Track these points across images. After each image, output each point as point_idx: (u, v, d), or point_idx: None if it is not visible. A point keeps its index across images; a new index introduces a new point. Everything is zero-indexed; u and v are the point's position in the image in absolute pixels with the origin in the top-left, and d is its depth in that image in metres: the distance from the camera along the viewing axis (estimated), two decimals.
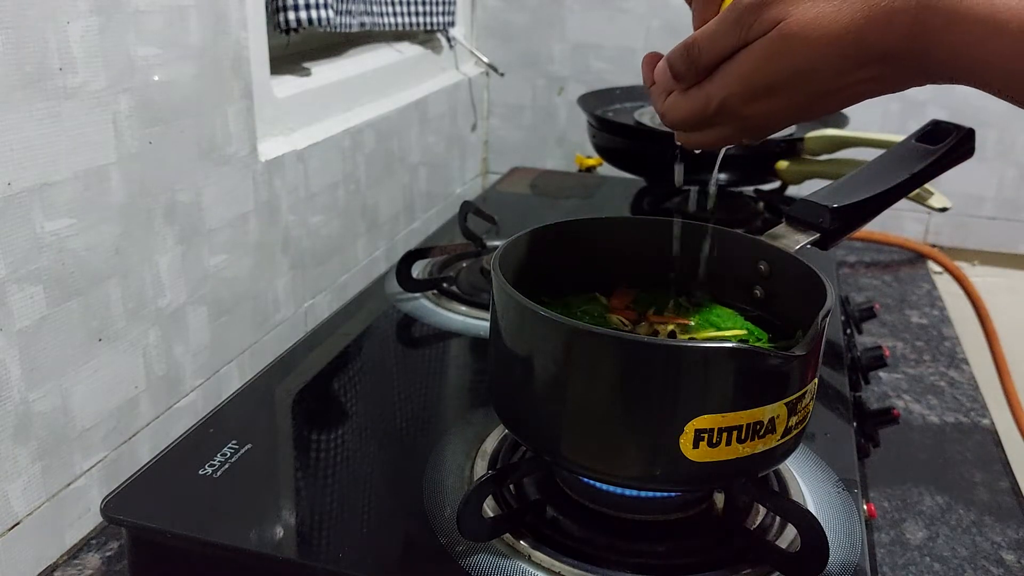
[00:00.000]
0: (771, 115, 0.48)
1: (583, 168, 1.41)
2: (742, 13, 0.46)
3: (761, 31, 0.45)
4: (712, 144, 0.52)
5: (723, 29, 0.47)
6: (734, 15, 0.46)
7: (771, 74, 0.46)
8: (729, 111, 0.48)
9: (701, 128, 0.51)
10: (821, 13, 0.44)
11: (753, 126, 0.49)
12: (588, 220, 0.64)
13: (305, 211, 0.92)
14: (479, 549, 0.52)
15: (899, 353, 0.97)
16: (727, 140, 0.51)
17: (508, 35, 1.41)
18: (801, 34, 0.44)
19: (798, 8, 0.44)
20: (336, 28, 0.94)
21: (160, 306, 0.72)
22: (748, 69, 0.46)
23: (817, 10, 0.44)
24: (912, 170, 0.57)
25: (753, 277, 0.60)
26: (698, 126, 0.51)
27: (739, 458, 0.48)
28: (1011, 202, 1.31)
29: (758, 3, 0.45)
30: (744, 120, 0.49)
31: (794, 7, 0.44)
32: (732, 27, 0.46)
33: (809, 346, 0.46)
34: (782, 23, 0.45)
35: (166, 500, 0.57)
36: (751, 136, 0.51)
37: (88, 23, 0.61)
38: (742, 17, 0.46)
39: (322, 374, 0.74)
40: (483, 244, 0.95)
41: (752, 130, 0.50)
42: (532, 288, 0.52)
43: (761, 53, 0.46)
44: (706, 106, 0.49)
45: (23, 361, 0.59)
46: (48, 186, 0.59)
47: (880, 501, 0.71)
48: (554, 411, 0.51)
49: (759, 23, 0.45)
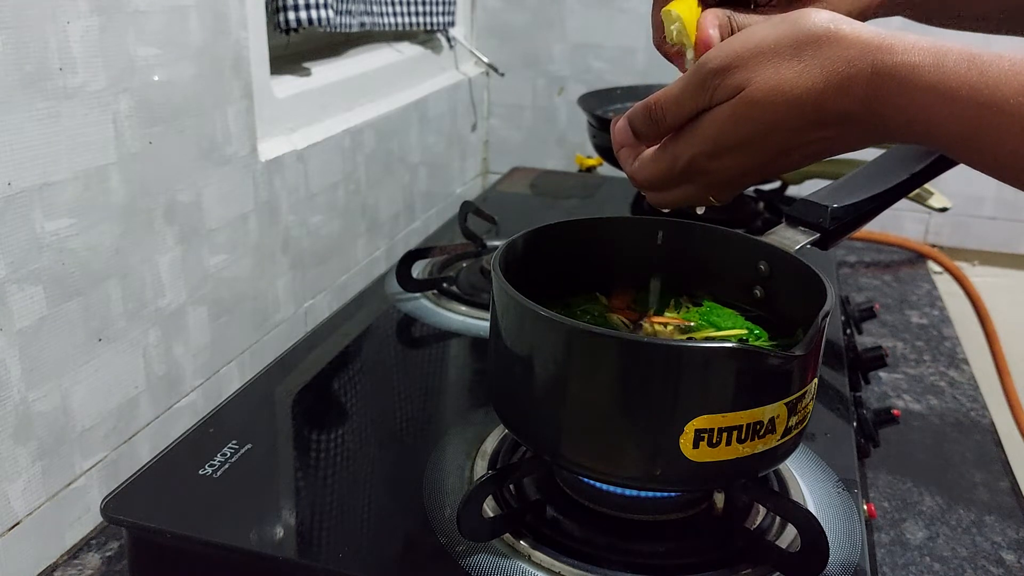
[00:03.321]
0: (736, 170, 0.50)
1: (583, 168, 1.41)
2: (706, 77, 0.47)
3: (725, 96, 0.47)
4: (680, 202, 0.53)
5: (687, 93, 0.48)
6: (698, 79, 0.48)
7: (735, 135, 0.48)
8: (696, 168, 0.50)
9: (669, 188, 0.52)
10: (783, 79, 0.46)
11: (719, 182, 0.51)
12: (588, 220, 0.64)
13: (305, 211, 0.92)
14: (479, 549, 0.52)
15: (899, 353, 0.97)
16: (694, 198, 0.53)
17: (508, 35, 1.41)
18: (764, 100, 0.46)
19: (760, 75, 0.46)
20: (336, 28, 0.94)
21: (160, 306, 0.72)
22: (714, 131, 0.48)
23: (779, 77, 0.46)
24: (912, 170, 0.57)
25: (753, 277, 0.60)
26: (666, 185, 0.52)
27: (739, 458, 0.48)
28: (1011, 202, 1.31)
29: (721, 68, 0.47)
30: (710, 176, 0.50)
31: (756, 74, 0.46)
32: (696, 91, 0.48)
33: (809, 346, 0.46)
34: (745, 90, 0.46)
35: (166, 500, 0.57)
36: (717, 194, 0.52)
37: (88, 23, 0.61)
38: (706, 81, 0.47)
39: (322, 374, 0.74)
40: (483, 244, 0.95)
41: (718, 186, 0.51)
42: (532, 288, 0.52)
43: (726, 116, 0.47)
44: (673, 164, 0.51)
45: (23, 361, 0.59)
46: (48, 186, 0.59)
47: (880, 501, 0.71)
48: (554, 411, 0.51)
49: (723, 88, 0.47)
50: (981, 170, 0.45)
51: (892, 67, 0.44)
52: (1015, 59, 0.41)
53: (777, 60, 0.46)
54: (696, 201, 0.53)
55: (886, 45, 0.44)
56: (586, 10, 1.37)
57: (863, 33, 0.45)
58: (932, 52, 0.43)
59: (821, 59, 0.45)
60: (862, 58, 0.44)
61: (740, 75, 0.46)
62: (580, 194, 1.26)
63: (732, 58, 0.47)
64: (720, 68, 0.47)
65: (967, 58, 0.42)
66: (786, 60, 0.46)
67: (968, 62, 0.42)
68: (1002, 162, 0.43)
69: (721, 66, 0.47)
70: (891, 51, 0.44)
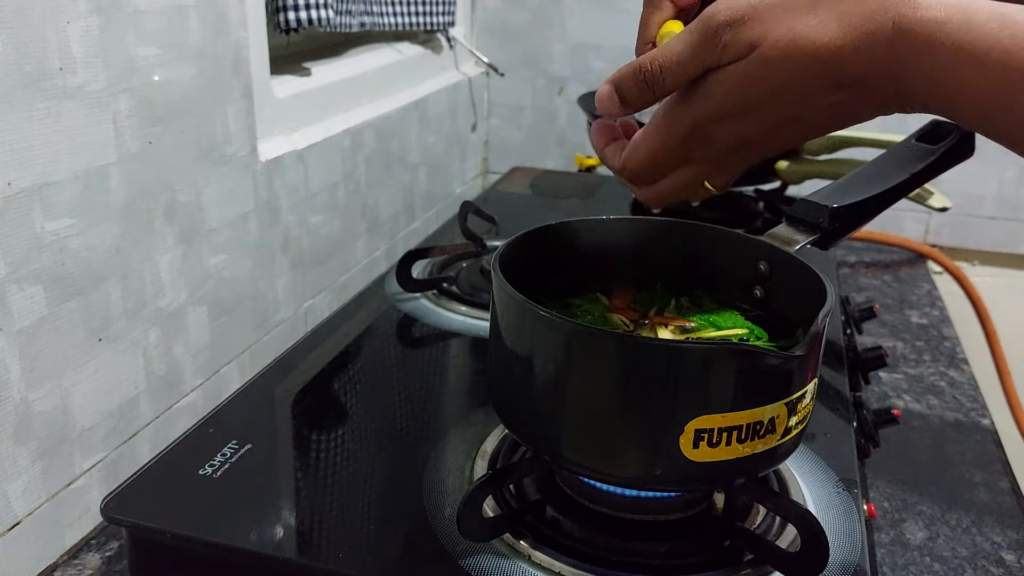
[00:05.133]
0: (739, 138, 0.46)
1: (583, 168, 1.41)
2: (715, 31, 0.43)
3: (736, 54, 0.43)
4: (674, 192, 0.50)
5: (691, 51, 0.44)
6: (705, 35, 0.44)
7: (745, 98, 0.44)
8: (699, 135, 0.46)
9: (666, 171, 0.49)
10: (799, 34, 0.42)
11: (719, 153, 0.47)
12: (588, 220, 0.64)
13: (305, 211, 0.92)
14: (479, 549, 0.52)
15: (899, 353, 0.97)
16: (690, 184, 0.49)
17: (508, 35, 1.41)
18: (780, 58, 0.42)
19: (776, 30, 0.42)
20: (336, 28, 0.94)
21: (160, 306, 0.72)
22: (722, 93, 0.44)
23: (795, 32, 0.42)
24: (912, 170, 0.57)
25: (753, 277, 0.60)
26: (662, 166, 0.49)
27: (739, 458, 0.48)
28: (1011, 202, 1.31)
29: (731, 21, 0.43)
30: (712, 144, 0.47)
31: (771, 29, 0.42)
32: (702, 48, 0.44)
33: (809, 346, 0.46)
34: (759, 48, 0.43)
35: (166, 500, 0.57)
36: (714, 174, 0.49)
37: (88, 23, 0.61)
38: (715, 36, 0.43)
39: (322, 374, 0.74)
40: (483, 244, 0.95)
41: (717, 160, 0.48)
42: (532, 288, 0.52)
43: (738, 77, 0.44)
44: (672, 133, 0.47)
45: (23, 361, 0.59)
46: (48, 186, 0.59)
47: (880, 501, 0.71)
48: (554, 411, 0.51)
49: (733, 44, 0.43)
50: (1006, 144, 0.42)
51: (915, 23, 0.40)
52: None
53: (792, 13, 0.42)
54: (691, 189, 0.50)
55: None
56: (586, 10, 1.37)
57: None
58: (960, 8, 0.40)
59: (838, 12, 0.41)
60: (883, 12, 0.41)
61: (753, 30, 0.42)
62: (580, 194, 1.26)
63: (744, 10, 0.42)
64: (730, 21, 0.43)
65: (999, 16, 0.39)
66: (802, 14, 0.42)
67: (1000, 20, 0.39)
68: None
69: (731, 19, 0.43)
70: (915, 5, 0.40)
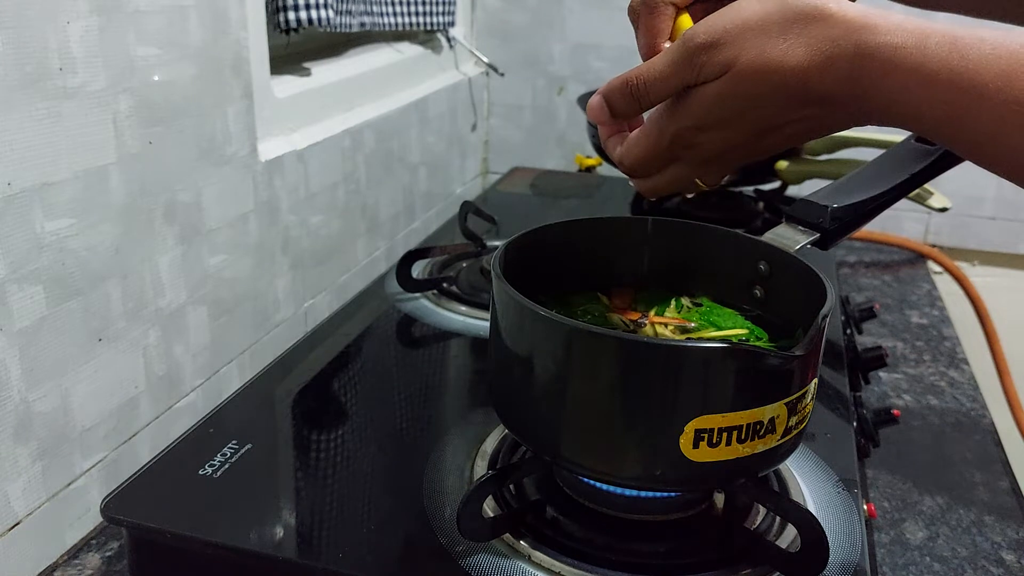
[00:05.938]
0: (723, 145, 0.50)
1: (583, 168, 1.41)
2: (693, 53, 0.47)
3: (713, 73, 0.47)
4: (669, 185, 0.53)
5: (673, 69, 0.48)
6: (685, 55, 0.47)
7: (722, 111, 0.48)
8: (683, 142, 0.50)
9: (658, 167, 0.52)
10: (769, 57, 0.45)
11: (705, 157, 0.51)
12: (588, 220, 0.64)
13: (305, 211, 0.92)
14: (479, 549, 0.52)
15: (899, 353, 0.97)
16: (683, 180, 0.53)
17: (508, 35, 1.41)
18: (751, 78, 0.46)
19: (748, 52, 0.46)
20: (336, 28, 0.94)
21: (160, 306, 0.72)
22: (702, 108, 0.48)
23: (765, 55, 0.46)
24: (912, 170, 0.57)
25: (753, 277, 0.60)
26: (655, 165, 0.52)
27: (739, 458, 0.48)
28: (1011, 202, 1.31)
29: (708, 44, 0.47)
30: (697, 149, 0.50)
31: (743, 52, 0.46)
32: (682, 67, 0.48)
33: (809, 346, 0.46)
34: (732, 69, 0.46)
35: (166, 500, 0.57)
36: (705, 173, 0.52)
37: (88, 23, 0.61)
38: (693, 57, 0.47)
39: (322, 374, 0.74)
40: (483, 244, 0.95)
41: (705, 163, 0.51)
42: (532, 288, 0.52)
43: (714, 94, 0.47)
44: (660, 139, 0.51)
45: (23, 361, 0.59)
46: (48, 186, 0.59)
47: (880, 501, 0.71)
48: (554, 411, 0.51)
49: (710, 65, 0.47)
50: (961, 154, 0.45)
51: (875, 47, 0.43)
52: (996, 43, 0.41)
53: (763, 37, 0.46)
54: (685, 184, 0.53)
55: (870, 24, 0.44)
56: (586, 10, 1.37)
57: (849, 12, 0.44)
58: (915, 33, 0.43)
59: (807, 37, 0.45)
60: (846, 37, 0.44)
61: (727, 52, 0.46)
62: (580, 194, 1.26)
63: (720, 34, 0.46)
64: (707, 44, 0.47)
65: (949, 40, 0.42)
66: (772, 38, 0.46)
67: (950, 45, 0.42)
68: (981, 146, 0.43)
69: (707, 42, 0.47)
70: (875, 31, 0.44)
